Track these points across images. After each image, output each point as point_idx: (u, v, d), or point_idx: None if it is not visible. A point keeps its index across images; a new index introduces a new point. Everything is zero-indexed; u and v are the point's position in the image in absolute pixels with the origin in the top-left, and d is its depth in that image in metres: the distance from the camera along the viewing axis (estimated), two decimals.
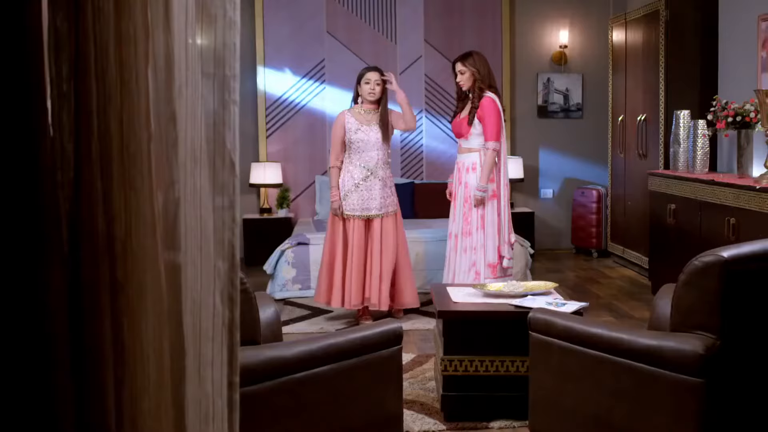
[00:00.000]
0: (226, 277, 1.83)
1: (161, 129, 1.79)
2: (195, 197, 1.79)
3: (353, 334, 2.90)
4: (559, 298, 3.66)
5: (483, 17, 8.12)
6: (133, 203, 1.72)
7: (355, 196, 5.23)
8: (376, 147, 5.23)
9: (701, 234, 5.23)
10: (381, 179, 5.26)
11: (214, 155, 1.79)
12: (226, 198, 1.79)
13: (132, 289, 1.67)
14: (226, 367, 1.89)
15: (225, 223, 1.80)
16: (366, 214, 5.25)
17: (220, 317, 1.84)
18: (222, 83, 1.78)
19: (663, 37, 6.36)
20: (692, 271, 2.70)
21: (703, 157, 5.59)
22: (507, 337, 3.54)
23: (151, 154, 1.74)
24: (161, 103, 1.79)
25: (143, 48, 1.75)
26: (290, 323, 5.42)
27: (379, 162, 5.26)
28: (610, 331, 2.92)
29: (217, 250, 1.80)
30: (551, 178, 8.46)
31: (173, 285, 1.80)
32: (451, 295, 3.75)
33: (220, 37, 1.79)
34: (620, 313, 5.64)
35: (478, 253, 5.01)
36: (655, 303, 3.44)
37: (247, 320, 2.68)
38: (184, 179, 1.78)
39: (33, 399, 1.41)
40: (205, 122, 1.78)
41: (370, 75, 5.24)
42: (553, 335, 3.09)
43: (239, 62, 1.80)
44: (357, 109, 5.30)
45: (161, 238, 1.76)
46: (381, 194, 5.25)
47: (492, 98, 5.03)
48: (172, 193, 1.81)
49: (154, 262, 1.75)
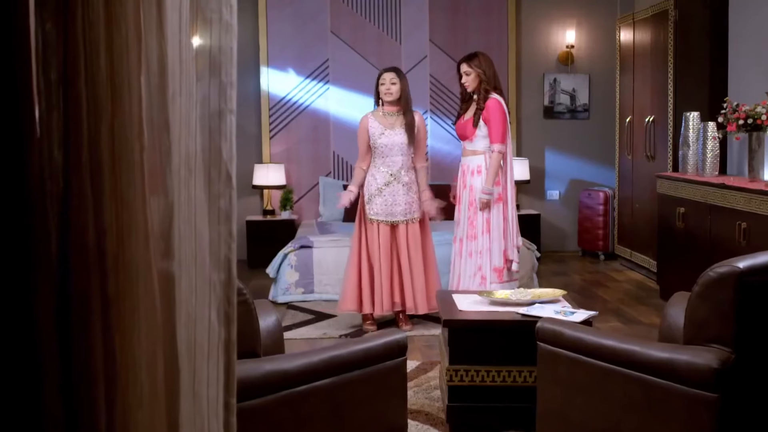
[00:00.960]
0: (223, 294, 1.75)
1: (154, 137, 1.72)
2: (189, 209, 1.71)
3: (356, 346, 2.81)
4: (568, 307, 3.57)
5: (489, 17, 8.03)
6: (125, 215, 1.65)
7: (379, 201, 5.13)
8: (400, 151, 5.13)
9: (711, 238, 5.14)
10: (405, 184, 5.15)
11: (209, 166, 1.71)
12: (222, 210, 1.72)
13: (124, 303, 1.61)
14: (222, 386, 1.82)
15: (221, 237, 1.72)
16: (391, 219, 5.15)
17: (216, 334, 1.76)
18: (218, 90, 1.70)
19: (672, 37, 6.26)
20: (706, 283, 2.62)
21: (713, 160, 5.50)
22: (514, 346, 3.45)
23: (143, 163, 1.67)
24: (154, 111, 1.72)
25: (135, 53, 1.68)
26: (293, 328, 5.34)
27: (403, 166, 5.16)
28: (621, 342, 2.83)
29: (213, 265, 1.72)
30: (557, 180, 8.36)
31: (167, 300, 1.73)
32: (457, 303, 3.67)
33: (215, 41, 1.71)
34: (628, 318, 5.55)
35: (483, 258, 4.92)
36: (666, 312, 3.36)
37: (247, 332, 2.60)
38: (178, 190, 1.71)
39: (21, 419, 1.34)
40: (200, 131, 1.70)
41: (385, 75, 5.14)
42: (561, 346, 3.01)
43: (236, 68, 1.72)
44: (379, 112, 5.19)
45: (154, 252, 1.70)
46: (405, 200, 5.15)
47: (498, 100, 4.94)
48: (165, 204, 1.74)
49: (147, 276, 1.68)
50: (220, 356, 1.76)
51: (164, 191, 1.72)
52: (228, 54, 1.68)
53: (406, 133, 5.10)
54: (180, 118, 1.66)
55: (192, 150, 1.67)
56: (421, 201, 5.24)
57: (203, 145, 1.66)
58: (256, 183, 7.69)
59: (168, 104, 1.69)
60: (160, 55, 1.69)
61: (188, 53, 1.65)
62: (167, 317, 1.70)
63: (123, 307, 1.59)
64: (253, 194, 7.99)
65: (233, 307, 1.72)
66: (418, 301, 5.16)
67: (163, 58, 1.70)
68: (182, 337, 1.73)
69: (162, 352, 1.68)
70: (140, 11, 1.61)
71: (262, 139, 7.94)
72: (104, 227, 1.58)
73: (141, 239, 1.67)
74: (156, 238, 1.69)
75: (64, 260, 1.43)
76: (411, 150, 5.17)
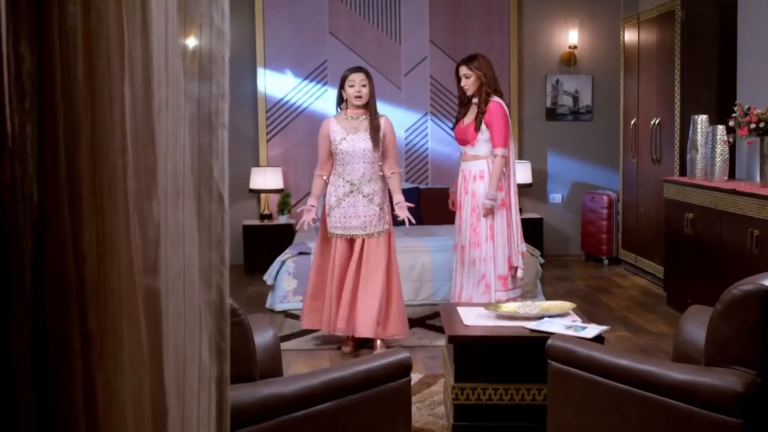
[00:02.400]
0: (215, 326, 1.60)
1: (139, 154, 1.57)
2: (178, 234, 1.56)
3: (357, 367, 2.66)
4: (578, 321, 3.42)
5: (490, 17, 7.88)
6: (107, 240, 1.51)
7: (337, 213, 4.70)
8: (362, 158, 4.67)
9: (722, 245, 4.99)
10: (366, 195, 4.68)
11: (199, 186, 1.56)
12: (213, 235, 1.57)
13: (106, 338, 1.48)
14: (215, 427, 1.66)
15: (213, 264, 1.57)
16: (349, 233, 4.71)
17: (207, 371, 1.61)
18: (208, 103, 1.55)
19: (679, 37, 6.11)
20: (730, 301, 2.47)
21: (722, 164, 5.35)
22: (522, 363, 3.31)
23: (127, 182, 1.53)
24: (139, 125, 1.57)
25: (118, 60, 1.53)
26: (291, 338, 5.18)
27: (366, 175, 4.70)
28: (638, 363, 2.68)
29: (204, 296, 1.57)
30: (560, 183, 8.22)
31: (153, 334, 1.59)
32: (462, 317, 3.51)
33: (206, 49, 1.55)
34: (635, 327, 5.40)
35: (487, 265, 4.78)
36: (682, 326, 3.20)
37: (243, 355, 2.46)
38: (165, 213, 1.55)
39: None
40: (189, 148, 1.55)
41: (354, 76, 4.69)
42: (573, 365, 2.86)
43: (229, 78, 1.57)
44: (342, 116, 4.77)
45: (139, 281, 1.56)
46: (364, 212, 4.68)
47: (499, 103, 4.80)
48: (151, 229, 1.59)
49: (132, 307, 1.54)
50: (212, 394, 1.61)
51: (150, 214, 1.58)
52: (219, 63, 1.53)
53: (371, 138, 4.65)
54: (167, 133, 1.51)
55: (180, 168, 1.52)
56: (392, 207, 4.83)
57: (192, 162, 1.51)
58: (253, 187, 7.54)
59: (153, 117, 1.55)
60: (145, 62, 1.54)
61: (176, 61, 1.50)
62: (154, 353, 1.56)
63: (105, 343, 1.46)
64: (250, 198, 7.84)
65: (226, 340, 1.57)
66: (362, 322, 4.61)
67: (149, 67, 1.55)
68: (170, 374, 1.58)
69: (148, 392, 1.54)
70: (123, 14, 1.47)
71: (259, 141, 7.79)
72: (84, 254, 1.44)
73: (125, 267, 1.54)
74: (141, 266, 1.55)
75: (39, 290, 1.30)
76: (377, 157, 4.71)
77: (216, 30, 1.51)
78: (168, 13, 1.50)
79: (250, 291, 6.65)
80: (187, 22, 1.50)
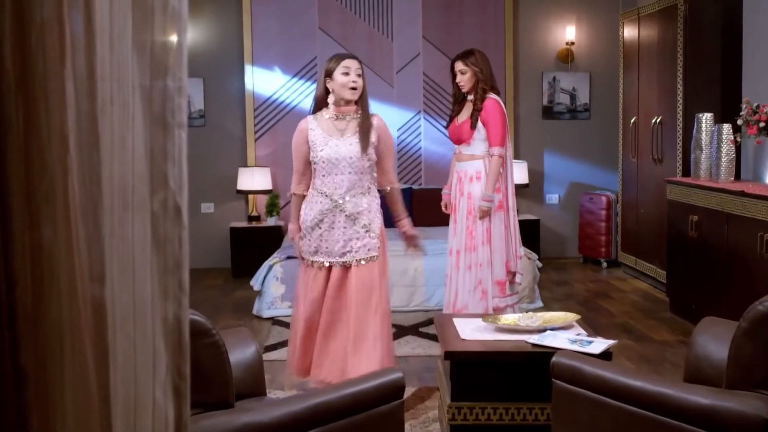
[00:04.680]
0: (171, 364, 1.36)
1: (82, 159, 1.33)
2: (126, 256, 1.32)
3: (345, 390, 2.43)
4: (583, 334, 3.19)
5: (485, 12, 7.64)
6: (45, 261, 1.27)
7: (314, 235, 3.70)
8: (348, 167, 3.65)
9: (729, 249, 4.77)
10: (349, 215, 3.66)
11: (151, 198, 1.31)
12: (169, 256, 1.33)
13: (44, 378, 1.25)
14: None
15: (169, 292, 1.33)
16: (326, 259, 3.69)
17: (163, 416, 1.37)
18: (163, 99, 1.31)
19: (681, 33, 5.89)
20: (756, 318, 2.24)
21: (728, 165, 5.12)
22: (524, 380, 3.08)
23: (69, 193, 1.29)
24: (82, 125, 1.33)
25: (56, 48, 1.30)
26: (278, 347, 4.94)
27: (351, 189, 3.67)
28: (653, 384, 2.45)
29: (159, 329, 1.33)
30: (557, 183, 7.99)
31: (100, 374, 1.36)
32: (459, 330, 3.28)
33: (159, 35, 1.31)
34: (637, 335, 5.18)
35: (484, 270, 4.54)
36: (695, 340, 2.97)
37: (219, 381, 2.22)
38: (110, 230, 1.32)
39: None
40: (138, 152, 1.30)
41: (349, 62, 3.69)
42: (581, 385, 2.63)
43: (187, 70, 1.33)
44: (324, 115, 3.75)
45: (84, 310, 1.32)
46: (344, 235, 3.65)
47: (496, 100, 4.56)
48: (98, 248, 1.36)
49: (74, 341, 1.32)
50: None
51: (97, 230, 1.34)
52: (176, 51, 1.29)
53: (360, 141, 3.66)
54: (112, 135, 1.28)
55: (128, 177, 1.28)
56: (400, 232, 3.90)
57: (143, 170, 1.27)
58: (241, 188, 7.31)
59: (97, 116, 1.31)
60: (88, 51, 1.31)
61: (122, 50, 1.26)
62: (100, 394, 1.34)
63: (43, 382, 1.24)
64: (237, 199, 7.60)
65: (185, 380, 1.33)
66: (328, 366, 3.64)
67: (92, 56, 1.32)
68: (119, 419, 1.35)
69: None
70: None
71: (247, 141, 7.56)
72: (15, 278, 1.22)
73: (65, 293, 1.31)
74: (84, 293, 1.32)
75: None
76: (365, 165, 3.68)
77: (172, 12, 1.27)
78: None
79: (237, 296, 6.41)
80: (136, 4, 1.26)
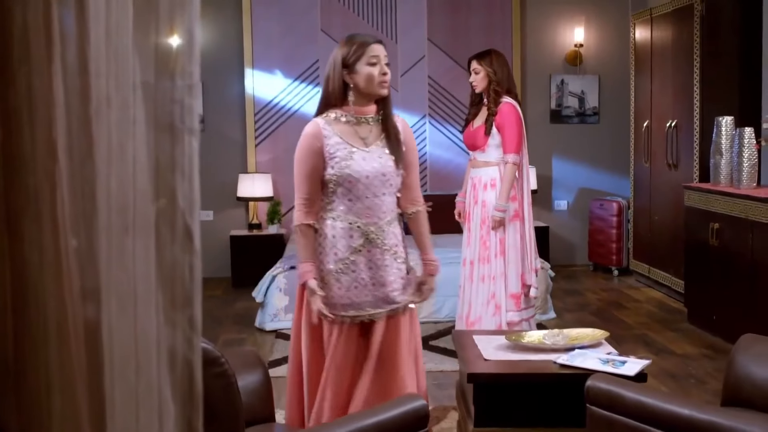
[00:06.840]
0: (180, 416, 1.14)
1: (74, 171, 1.13)
2: (126, 288, 1.10)
3: (365, 420, 2.21)
4: (614, 353, 2.98)
5: (491, 13, 7.45)
6: (29, 292, 1.09)
7: (345, 282, 2.78)
8: (382, 188, 2.78)
9: (753, 258, 4.57)
10: (388, 249, 2.81)
11: (156, 219, 1.10)
12: (178, 288, 1.11)
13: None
14: None
15: (177, 330, 1.12)
16: (365, 312, 2.79)
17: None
18: (170, 99, 1.09)
19: (698, 34, 5.70)
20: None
21: (750, 170, 4.92)
22: (552, 403, 2.87)
23: (57, 209, 1.10)
24: (73, 130, 1.13)
25: (42, 40, 1.10)
26: (282, 363, 4.71)
27: (388, 215, 2.82)
28: (702, 412, 2.25)
29: (164, 375, 1.11)
30: (565, 189, 7.80)
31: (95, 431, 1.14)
32: (481, 350, 3.06)
33: (166, 23, 1.10)
34: (657, 347, 4.97)
35: (497, 283, 4.34)
36: (734, 359, 2.77)
37: (229, 413, 2.01)
38: (108, 258, 1.11)
39: None
40: (140, 163, 1.09)
41: (377, 48, 2.78)
42: (620, 412, 2.42)
43: (199, 66, 1.12)
44: (341, 118, 2.84)
45: (76, 354, 1.12)
46: (389, 275, 2.81)
47: (512, 104, 4.36)
48: (89, 279, 1.15)
49: (66, 393, 1.14)
50: None
51: (90, 258, 1.15)
52: (186, 43, 1.08)
53: (391, 153, 2.80)
54: (109, 141, 1.07)
55: (129, 193, 1.07)
56: (424, 266, 2.99)
57: (146, 184, 1.06)
58: (241, 195, 7.10)
59: (91, 119, 1.10)
60: (81, 41, 1.12)
61: (121, 40, 1.05)
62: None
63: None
64: (237, 207, 7.39)
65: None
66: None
67: (85, 47, 1.12)
68: None
69: None
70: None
71: (247, 147, 7.35)
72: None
73: (53, 337, 1.13)
74: (77, 334, 1.13)
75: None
76: (400, 182, 2.85)
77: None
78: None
79: (238, 307, 6.20)
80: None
